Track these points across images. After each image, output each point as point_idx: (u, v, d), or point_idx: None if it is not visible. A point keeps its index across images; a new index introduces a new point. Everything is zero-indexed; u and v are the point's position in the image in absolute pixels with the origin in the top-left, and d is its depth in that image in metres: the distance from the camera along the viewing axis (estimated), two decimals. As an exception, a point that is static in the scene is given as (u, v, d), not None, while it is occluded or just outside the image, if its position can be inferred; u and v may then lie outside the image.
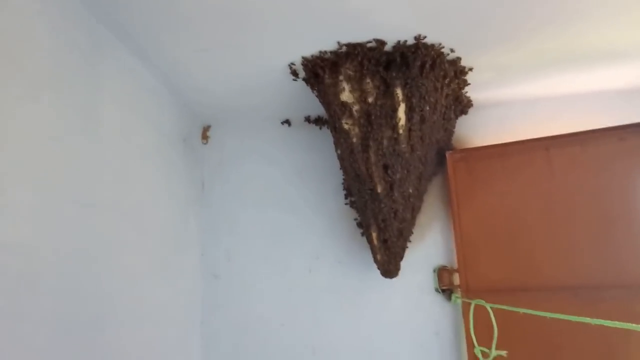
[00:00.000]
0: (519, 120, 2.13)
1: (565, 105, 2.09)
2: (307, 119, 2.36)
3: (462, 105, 2.12)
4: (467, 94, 2.07)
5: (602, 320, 0.91)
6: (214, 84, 2.01)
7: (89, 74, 1.49)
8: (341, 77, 1.78)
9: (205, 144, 2.46)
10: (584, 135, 1.87)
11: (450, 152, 2.09)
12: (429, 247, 2.13)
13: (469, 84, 1.95)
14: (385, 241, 1.89)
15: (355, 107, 1.79)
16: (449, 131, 2.10)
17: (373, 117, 1.77)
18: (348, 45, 1.69)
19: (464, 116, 2.18)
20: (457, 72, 1.86)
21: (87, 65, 1.48)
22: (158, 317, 1.85)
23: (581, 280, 1.80)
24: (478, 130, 2.17)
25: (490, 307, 1.60)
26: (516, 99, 2.14)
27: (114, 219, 1.57)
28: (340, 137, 1.86)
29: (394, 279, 1.99)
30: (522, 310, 1.29)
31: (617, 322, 0.92)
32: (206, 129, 2.48)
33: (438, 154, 2.08)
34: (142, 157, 1.82)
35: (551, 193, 1.90)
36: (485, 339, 1.72)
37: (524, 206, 1.93)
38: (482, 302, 1.67)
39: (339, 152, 1.92)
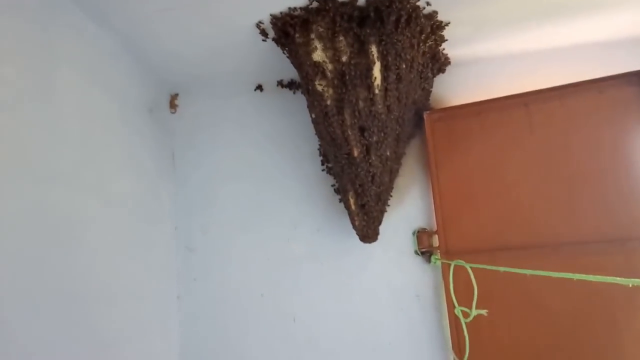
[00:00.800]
0: (497, 76, 2.07)
1: (544, 59, 2.04)
2: (280, 84, 2.26)
3: (440, 63, 2.04)
4: (445, 51, 2.00)
5: (584, 275, 0.89)
6: (180, 46, 1.90)
7: (40, 37, 1.40)
8: (313, 36, 1.69)
9: (173, 113, 2.35)
10: (563, 90, 1.84)
11: (428, 112, 2.04)
12: (407, 210, 2.10)
13: (446, 40, 1.88)
14: (363, 206, 1.85)
15: (329, 67, 1.71)
16: (427, 91, 2.03)
17: (347, 77, 1.68)
18: (318, 0, 1.59)
19: (441, 75, 2.11)
20: (433, 27, 1.78)
21: (37, 27, 1.38)
22: (132, 293, 1.81)
23: (561, 237, 1.80)
24: (456, 88, 2.10)
25: (470, 267, 1.58)
26: (494, 55, 2.08)
27: (76, 193, 1.50)
28: (313, 100, 1.78)
29: (373, 244, 1.97)
30: (501, 269, 1.27)
31: (598, 276, 0.89)
32: (174, 97, 2.36)
33: (416, 114, 2.03)
34: (104, 127, 1.73)
35: (531, 150, 1.87)
36: (465, 300, 1.71)
37: (503, 164, 1.91)
38: (461, 263, 1.65)
39: (313, 116, 1.85)
